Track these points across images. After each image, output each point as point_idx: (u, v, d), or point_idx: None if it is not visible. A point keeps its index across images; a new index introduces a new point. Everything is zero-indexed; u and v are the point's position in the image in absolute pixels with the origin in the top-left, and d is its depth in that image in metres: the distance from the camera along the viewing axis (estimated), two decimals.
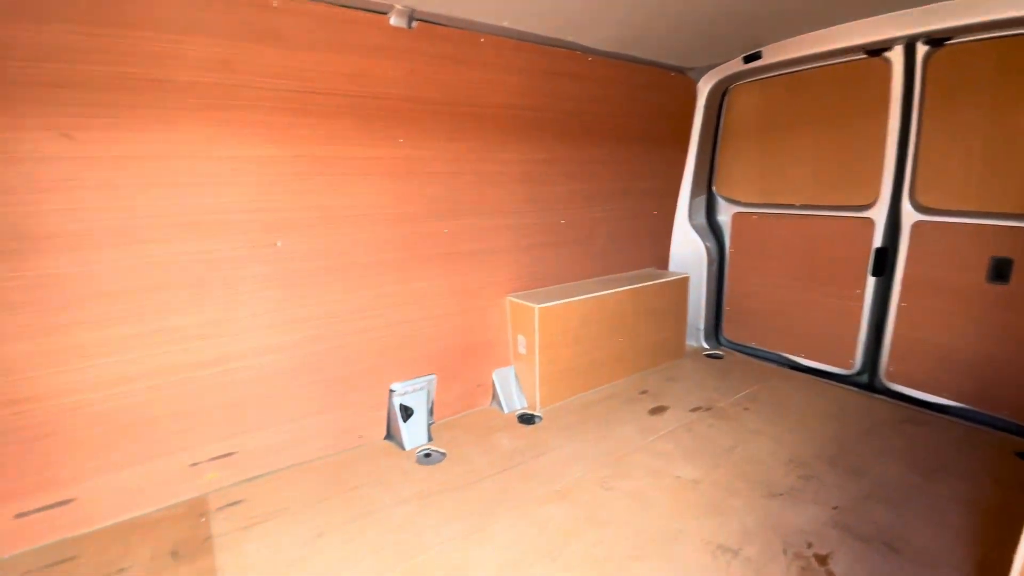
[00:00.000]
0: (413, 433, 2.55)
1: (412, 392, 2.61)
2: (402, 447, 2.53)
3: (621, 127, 3.34)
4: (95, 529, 1.95)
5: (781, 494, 2.11)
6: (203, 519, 2.01)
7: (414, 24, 2.28)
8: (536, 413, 2.88)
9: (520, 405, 2.96)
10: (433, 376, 2.73)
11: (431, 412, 2.73)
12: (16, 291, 1.72)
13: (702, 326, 3.94)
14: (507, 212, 2.89)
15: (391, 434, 2.62)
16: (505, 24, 2.43)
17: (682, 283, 3.64)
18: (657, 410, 2.90)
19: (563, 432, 2.67)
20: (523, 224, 2.98)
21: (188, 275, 2.00)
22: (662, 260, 3.98)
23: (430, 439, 2.60)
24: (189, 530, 1.95)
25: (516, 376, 3.02)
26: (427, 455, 2.47)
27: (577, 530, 1.92)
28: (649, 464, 2.35)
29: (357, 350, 2.47)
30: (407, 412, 2.56)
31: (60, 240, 1.76)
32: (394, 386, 2.60)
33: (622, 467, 2.33)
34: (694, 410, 2.89)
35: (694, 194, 3.87)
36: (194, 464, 2.13)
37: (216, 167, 1.99)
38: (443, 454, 2.48)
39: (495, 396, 2.97)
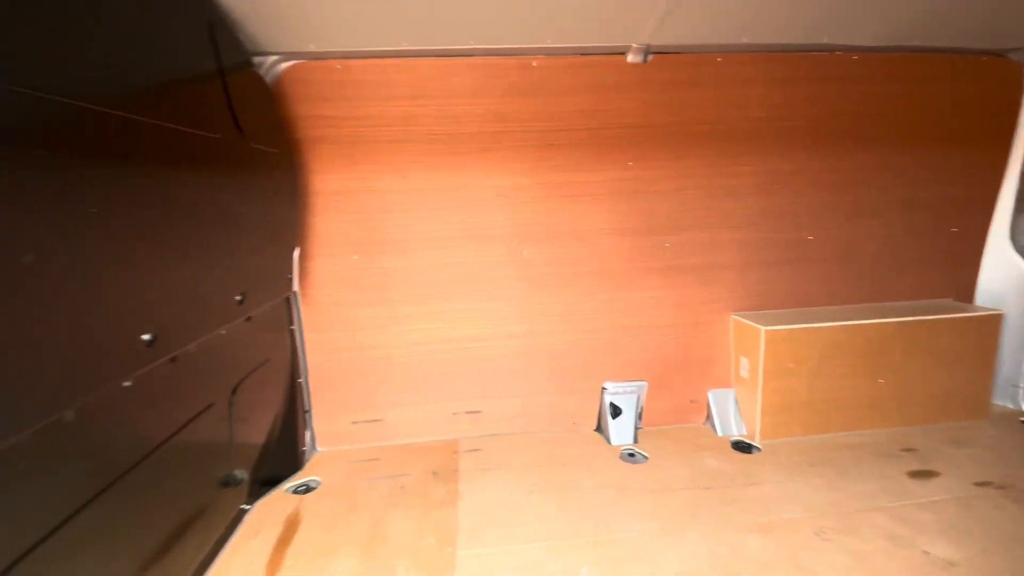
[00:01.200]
0: (620, 431, 2.77)
1: (623, 393, 2.82)
2: (608, 441, 2.77)
3: (900, 128, 2.82)
4: (390, 444, 2.81)
5: None
6: (455, 455, 2.67)
7: (649, 58, 2.50)
8: (755, 443, 2.71)
9: (737, 431, 2.83)
10: (644, 383, 2.88)
11: (640, 416, 2.89)
12: (367, 277, 2.67)
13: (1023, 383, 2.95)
14: (736, 226, 2.81)
15: (600, 427, 2.89)
16: (744, 40, 2.42)
17: (992, 321, 2.83)
18: (922, 474, 2.37)
19: (783, 469, 2.46)
20: (754, 239, 2.84)
21: (461, 273, 2.71)
22: (965, 290, 3.13)
23: (635, 441, 2.77)
24: (446, 460, 2.63)
25: (736, 400, 2.89)
26: (631, 454, 2.65)
27: (774, 566, 1.82)
28: (889, 528, 1.99)
29: (579, 346, 2.83)
30: (616, 411, 2.79)
31: (391, 246, 2.65)
32: (607, 384, 2.86)
33: (850, 523, 2.04)
34: (980, 484, 2.26)
35: (1021, 207, 2.93)
36: (454, 413, 2.84)
37: (485, 194, 2.64)
38: (645, 457, 2.62)
39: (709, 416, 2.92)
